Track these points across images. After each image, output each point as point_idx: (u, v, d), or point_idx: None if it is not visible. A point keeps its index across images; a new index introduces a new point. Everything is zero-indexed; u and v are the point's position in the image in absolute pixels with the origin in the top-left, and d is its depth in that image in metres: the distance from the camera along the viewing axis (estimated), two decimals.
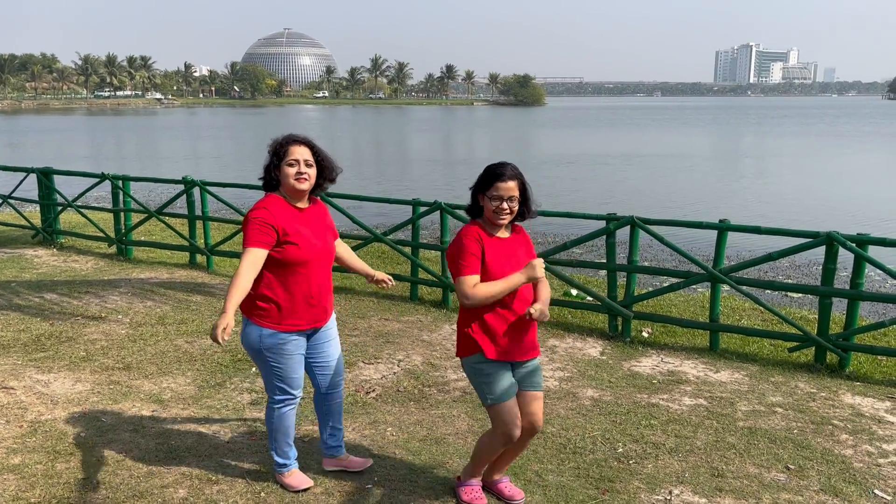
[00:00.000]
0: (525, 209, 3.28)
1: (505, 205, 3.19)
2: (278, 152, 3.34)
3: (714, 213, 15.32)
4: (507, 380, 3.24)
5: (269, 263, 3.30)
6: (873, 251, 5.45)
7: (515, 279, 3.16)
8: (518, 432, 3.28)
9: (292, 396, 3.49)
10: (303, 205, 3.41)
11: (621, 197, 19.19)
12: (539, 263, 3.22)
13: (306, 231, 3.35)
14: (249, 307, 3.37)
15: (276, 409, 3.50)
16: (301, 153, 3.34)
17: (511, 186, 3.19)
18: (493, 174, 3.21)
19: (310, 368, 3.58)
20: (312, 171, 3.36)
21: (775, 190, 21.01)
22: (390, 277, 3.77)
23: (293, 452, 3.65)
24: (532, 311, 3.10)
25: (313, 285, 3.39)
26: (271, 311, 3.33)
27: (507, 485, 3.58)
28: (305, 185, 3.34)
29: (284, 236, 3.27)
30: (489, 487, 3.58)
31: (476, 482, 3.55)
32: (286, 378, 3.44)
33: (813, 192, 20.88)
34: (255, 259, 3.23)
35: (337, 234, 3.61)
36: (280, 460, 3.62)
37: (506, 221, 3.24)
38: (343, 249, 3.72)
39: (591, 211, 6.56)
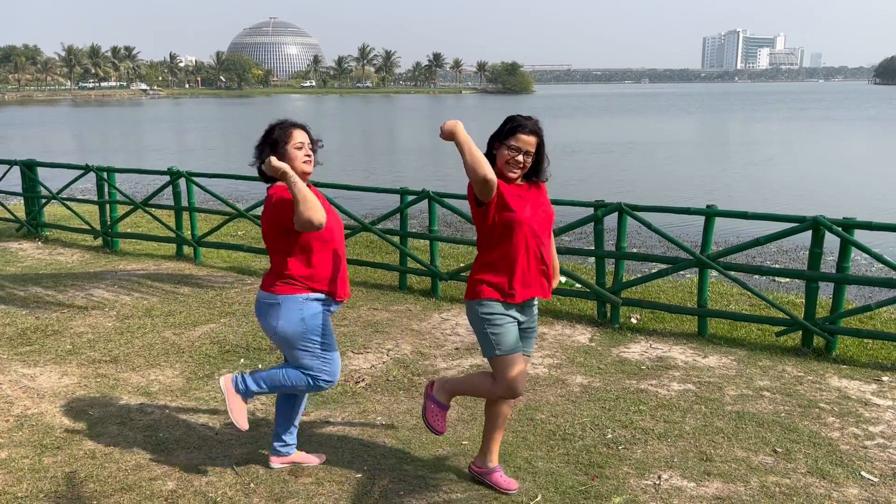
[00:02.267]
0: (538, 168, 3.24)
1: (520, 157, 3.14)
2: (281, 137, 3.31)
3: (705, 199, 15.36)
4: (516, 332, 3.24)
5: (302, 243, 3.28)
6: (859, 235, 5.48)
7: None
8: (522, 388, 3.27)
9: (332, 382, 3.45)
10: None
11: (612, 184, 19.21)
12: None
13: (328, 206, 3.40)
14: (283, 285, 3.31)
15: (313, 387, 3.43)
16: (304, 136, 3.37)
17: (531, 141, 3.15)
18: (517, 124, 3.16)
19: None
20: (313, 155, 3.41)
21: (765, 176, 21.09)
22: None
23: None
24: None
25: (341, 259, 3.45)
26: (307, 280, 3.31)
27: (502, 475, 3.54)
28: (311, 168, 3.39)
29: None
30: (482, 476, 3.54)
31: (445, 406, 3.48)
32: (330, 354, 3.39)
33: (802, 177, 20.96)
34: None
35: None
36: (255, 386, 3.49)
37: (516, 176, 3.19)
38: None
39: (582, 198, 6.55)
